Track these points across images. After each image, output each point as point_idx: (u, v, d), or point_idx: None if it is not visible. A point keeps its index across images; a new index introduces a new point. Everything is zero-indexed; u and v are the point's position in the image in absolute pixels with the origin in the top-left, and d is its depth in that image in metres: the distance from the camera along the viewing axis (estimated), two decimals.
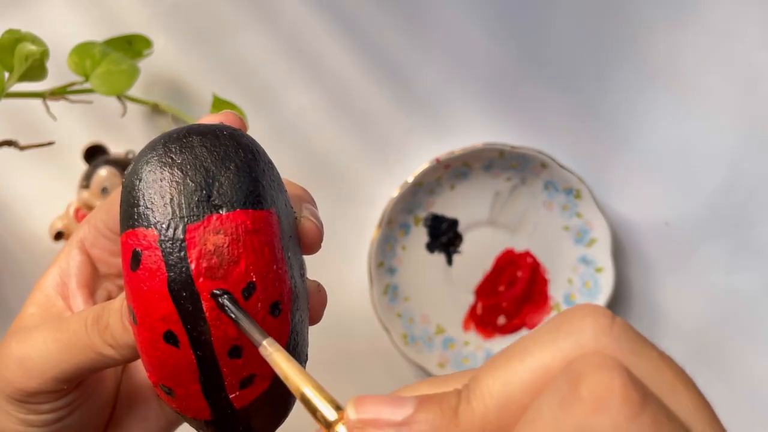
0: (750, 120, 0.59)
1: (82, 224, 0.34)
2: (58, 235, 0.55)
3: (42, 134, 0.54)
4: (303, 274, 0.30)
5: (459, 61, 0.59)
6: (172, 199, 0.26)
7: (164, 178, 0.26)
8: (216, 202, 0.26)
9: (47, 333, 0.30)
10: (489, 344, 0.60)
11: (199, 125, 0.28)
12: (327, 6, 0.59)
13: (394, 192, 0.57)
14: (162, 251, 0.25)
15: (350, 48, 0.59)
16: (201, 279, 0.25)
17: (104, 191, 0.55)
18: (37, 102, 0.51)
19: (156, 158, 0.27)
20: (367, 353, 0.59)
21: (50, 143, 0.51)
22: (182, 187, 0.26)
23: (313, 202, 0.32)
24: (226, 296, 0.25)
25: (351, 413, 0.22)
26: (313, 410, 0.22)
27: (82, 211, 0.55)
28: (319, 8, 0.59)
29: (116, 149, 0.57)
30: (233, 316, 0.25)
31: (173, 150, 0.27)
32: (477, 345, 0.60)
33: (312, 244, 0.30)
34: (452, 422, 0.21)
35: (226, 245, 0.26)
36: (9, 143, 0.49)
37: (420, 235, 0.59)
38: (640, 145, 0.59)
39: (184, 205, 0.26)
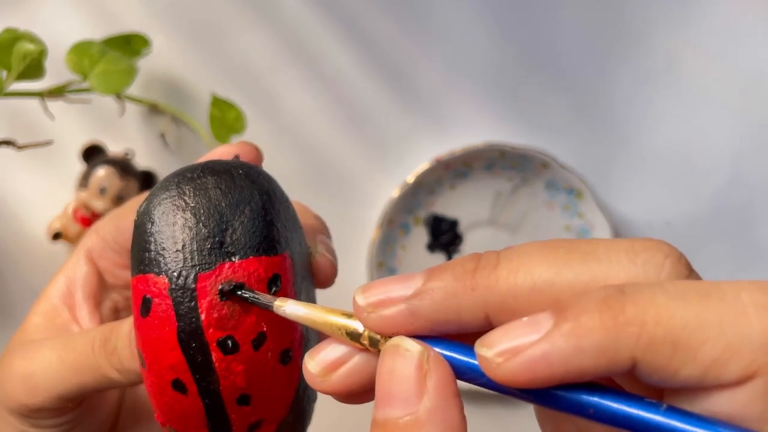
0: (751, 120, 0.59)
1: (89, 233, 0.33)
2: (56, 235, 0.54)
3: (40, 134, 0.54)
4: None
5: (459, 61, 0.59)
6: (184, 246, 0.25)
7: (176, 223, 0.26)
8: (229, 249, 0.25)
9: (53, 352, 0.30)
10: None
11: (215, 163, 0.27)
12: (327, 5, 0.58)
13: (394, 192, 0.57)
14: (172, 300, 0.25)
15: (350, 47, 0.59)
16: (211, 330, 0.25)
17: (102, 191, 0.54)
18: (35, 101, 0.51)
19: (169, 200, 0.26)
20: None
21: (48, 143, 0.51)
22: (195, 233, 0.25)
23: (327, 232, 0.31)
24: (244, 290, 0.25)
25: (360, 299, 0.21)
26: (343, 334, 0.21)
27: (80, 211, 0.55)
28: (319, 7, 0.58)
29: (114, 149, 0.57)
30: (251, 300, 0.25)
31: (187, 192, 0.26)
32: None
33: (326, 280, 0.29)
34: (467, 286, 0.19)
35: None
36: (7, 143, 0.49)
37: (420, 235, 0.59)
38: (642, 144, 0.59)
39: (196, 253, 0.25)
